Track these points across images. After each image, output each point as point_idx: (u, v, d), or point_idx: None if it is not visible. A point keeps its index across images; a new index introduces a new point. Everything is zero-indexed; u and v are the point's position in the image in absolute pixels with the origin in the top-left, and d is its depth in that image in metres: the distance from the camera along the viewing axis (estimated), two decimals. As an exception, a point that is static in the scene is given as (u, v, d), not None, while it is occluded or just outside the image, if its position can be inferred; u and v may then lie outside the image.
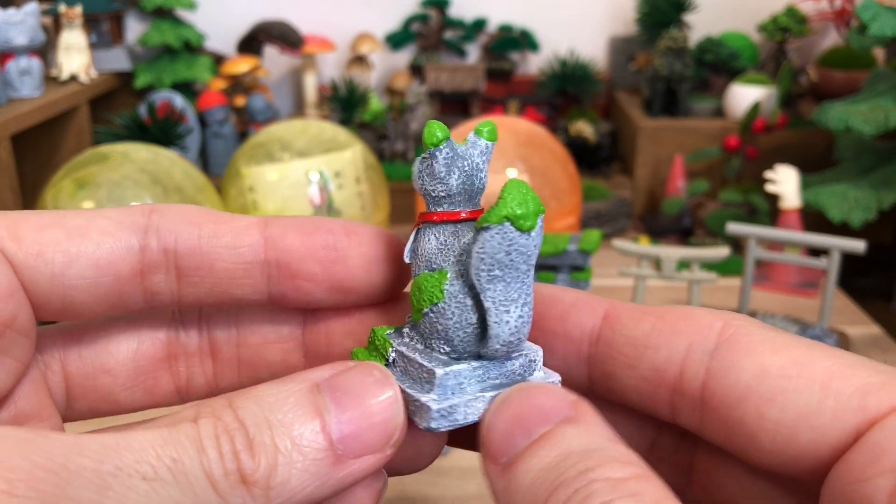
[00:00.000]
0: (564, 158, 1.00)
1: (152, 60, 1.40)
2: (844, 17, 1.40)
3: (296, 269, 0.25)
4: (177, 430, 0.19)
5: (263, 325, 0.27)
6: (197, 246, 0.24)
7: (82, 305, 0.24)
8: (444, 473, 0.69)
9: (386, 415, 0.21)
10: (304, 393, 0.21)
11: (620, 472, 0.19)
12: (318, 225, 0.25)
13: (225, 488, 0.19)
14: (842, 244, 0.80)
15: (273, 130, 1.04)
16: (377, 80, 1.57)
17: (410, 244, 0.24)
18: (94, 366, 0.26)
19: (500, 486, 0.21)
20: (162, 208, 0.25)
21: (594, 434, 0.20)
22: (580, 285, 0.79)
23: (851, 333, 0.90)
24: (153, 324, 0.27)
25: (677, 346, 0.22)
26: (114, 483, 0.18)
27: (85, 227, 0.23)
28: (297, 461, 0.20)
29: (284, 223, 0.25)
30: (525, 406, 0.21)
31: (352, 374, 0.22)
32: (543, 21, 1.55)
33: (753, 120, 1.21)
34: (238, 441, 0.19)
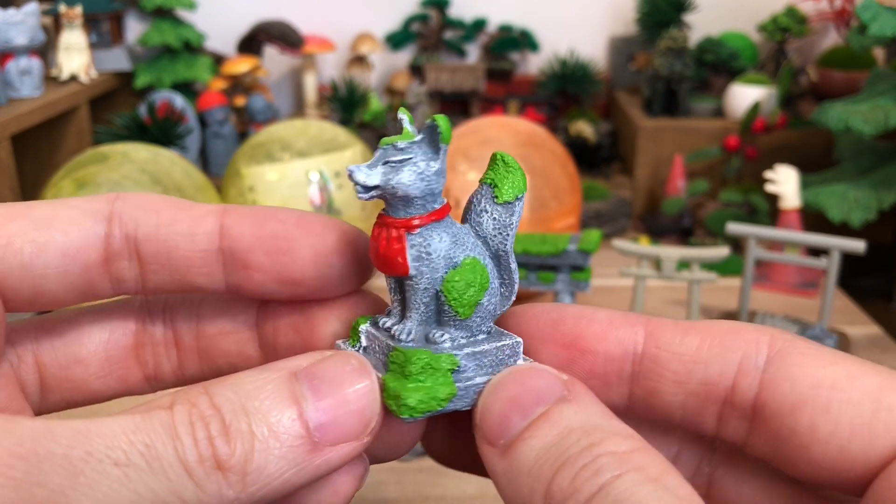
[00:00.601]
0: (564, 158, 1.00)
1: (152, 60, 1.40)
2: (844, 17, 1.40)
3: (245, 259, 0.24)
4: (150, 416, 0.19)
5: (220, 317, 0.27)
6: (155, 233, 0.24)
7: (52, 294, 0.24)
8: (444, 473, 0.69)
9: (363, 403, 0.22)
10: (282, 381, 0.21)
11: (623, 445, 0.19)
12: (270, 215, 0.25)
13: (200, 474, 0.19)
14: (842, 244, 0.80)
15: (273, 130, 1.04)
16: (377, 80, 1.57)
17: (411, 251, 0.23)
18: (67, 356, 0.26)
19: (500, 469, 0.21)
20: (125, 196, 0.25)
21: (591, 411, 0.21)
22: (580, 285, 0.79)
23: (851, 333, 0.90)
24: (123, 315, 0.27)
25: (730, 360, 0.22)
26: (85, 468, 0.18)
27: (52, 217, 0.23)
28: (273, 447, 0.20)
29: (241, 212, 0.25)
30: (519, 388, 0.22)
31: (329, 363, 0.22)
32: (543, 21, 1.55)
33: (753, 120, 1.21)
34: (213, 427, 0.20)
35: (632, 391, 0.24)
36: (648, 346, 0.24)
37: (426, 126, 0.23)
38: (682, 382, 0.23)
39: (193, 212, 0.24)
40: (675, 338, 0.23)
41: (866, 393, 0.20)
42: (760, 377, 0.22)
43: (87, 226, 0.24)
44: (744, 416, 0.22)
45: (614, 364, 0.24)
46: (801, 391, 0.21)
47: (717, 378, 0.22)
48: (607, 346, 0.24)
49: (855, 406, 0.20)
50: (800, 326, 0.85)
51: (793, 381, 0.21)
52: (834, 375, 0.21)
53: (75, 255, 0.23)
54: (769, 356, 0.22)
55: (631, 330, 0.24)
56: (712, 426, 0.23)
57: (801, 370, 0.21)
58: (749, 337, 0.22)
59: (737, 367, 0.22)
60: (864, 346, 0.89)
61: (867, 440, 0.20)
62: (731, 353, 0.22)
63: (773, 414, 0.21)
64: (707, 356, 0.23)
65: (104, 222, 0.24)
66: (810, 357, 0.22)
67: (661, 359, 0.23)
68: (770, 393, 0.22)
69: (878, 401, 0.20)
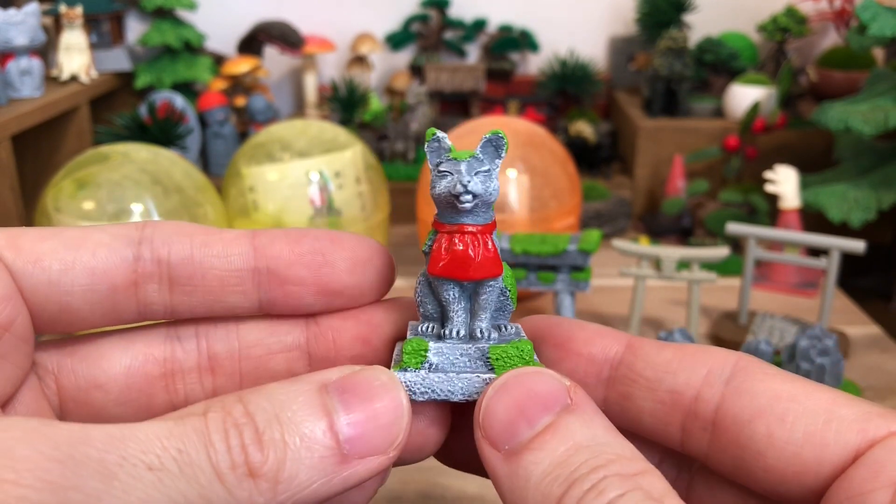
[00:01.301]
0: (564, 158, 1.00)
1: (153, 61, 1.40)
2: (844, 18, 1.40)
3: (285, 275, 0.26)
4: (184, 422, 0.20)
5: (265, 338, 0.28)
6: (189, 256, 0.25)
7: (78, 314, 0.24)
8: (444, 473, 0.69)
9: (391, 417, 0.22)
10: (314, 393, 0.21)
11: (629, 467, 0.20)
12: (304, 233, 0.26)
13: (232, 481, 0.19)
14: (841, 244, 0.81)
15: (273, 130, 1.04)
16: (377, 80, 1.57)
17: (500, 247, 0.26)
18: (87, 380, 0.26)
19: (503, 473, 0.21)
20: (155, 223, 0.26)
21: (596, 426, 0.22)
22: (580, 285, 0.80)
23: (851, 333, 0.90)
24: (147, 341, 0.27)
25: (697, 371, 0.24)
26: (119, 472, 0.18)
27: (81, 239, 0.24)
28: (305, 458, 0.20)
29: (272, 234, 0.26)
30: (524, 392, 0.22)
31: (359, 377, 0.22)
32: (543, 21, 1.55)
33: (753, 120, 1.21)
34: (247, 435, 0.20)
35: (606, 395, 0.26)
36: (627, 355, 0.26)
37: (487, 139, 0.25)
38: (653, 389, 0.25)
39: (224, 235, 0.26)
40: (651, 350, 0.25)
41: (820, 404, 0.22)
42: (723, 389, 0.23)
43: (116, 248, 0.25)
44: (705, 426, 0.24)
45: (594, 367, 0.26)
46: (761, 402, 0.22)
47: (683, 387, 0.24)
48: (591, 349, 0.26)
49: (809, 415, 0.22)
50: (799, 326, 0.85)
51: (753, 393, 0.23)
52: (792, 390, 0.22)
53: (103, 276, 0.24)
54: (733, 371, 0.24)
55: (614, 340, 0.26)
56: (677, 438, 0.25)
57: (761, 384, 0.23)
58: (718, 355, 0.24)
59: (702, 379, 0.24)
60: (864, 346, 0.89)
61: (818, 447, 0.21)
62: (700, 366, 0.24)
63: (733, 423, 0.23)
64: (677, 367, 0.24)
65: (133, 246, 0.25)
66: (771, 375, 0.23)
67: (636, 366, 0.25)
68: (731, 404, 0.23)
69: (831, 411, 0.22)
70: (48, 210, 0.89)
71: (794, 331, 0.84)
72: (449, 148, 0.25)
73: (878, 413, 0.22)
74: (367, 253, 0.27)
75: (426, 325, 0.26)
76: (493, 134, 0.25)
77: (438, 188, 0.25)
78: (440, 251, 0.25)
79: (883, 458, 0.20)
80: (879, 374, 0.83)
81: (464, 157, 0.25)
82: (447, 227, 0.25)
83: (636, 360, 0.25)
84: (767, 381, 0.23)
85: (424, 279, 0.26)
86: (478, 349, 0.25)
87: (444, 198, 0.24)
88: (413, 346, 0.25)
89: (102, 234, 0.25)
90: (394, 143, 1.34)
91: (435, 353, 0.25)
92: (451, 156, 0.25)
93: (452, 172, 0.24)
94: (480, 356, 0.25)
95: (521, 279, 0.80)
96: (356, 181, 1.01)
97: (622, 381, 0.25)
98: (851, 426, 0.21)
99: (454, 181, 0.24)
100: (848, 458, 0.21)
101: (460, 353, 0.25)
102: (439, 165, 0.25)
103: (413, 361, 0.25)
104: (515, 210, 0.93)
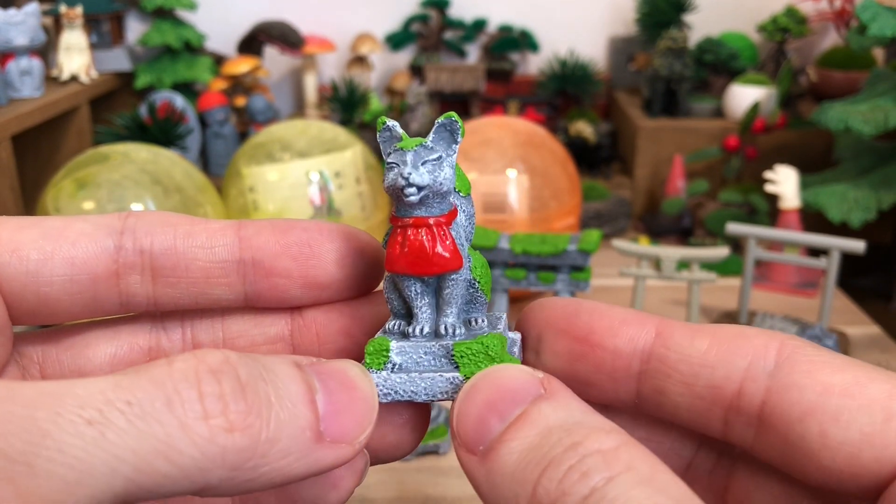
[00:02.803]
0: (564, 158, 1.00)
1: (153, 61, 1.40)
2: (844, 18, 1.40)
3: (270, 267, 0.25)
4: (138, 374, 0.18)
5: (250, 329, 0.27)
6: (172, 246, 0.24)
7: (58, 305, 0.24)
8: (444, 473, 0.69)
9: (363, 408, 0.21)
10: (291, 365, 0.20)
11: (608, 441, 0.19)
12: (292, 224, 0.26)
13: (202, 432, 0.17)
14: (841, 244, 0.81)
15: (273, 131, 1.04)
16: (377, 80, 1.57)
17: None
18: (72, 370, 0.26)
19: (481, 476, 0.20)
20: (138, 213, 0.25)
21: (570, 408, 0.20)
22: (580, 285, 0.80)
23: (851, 333, 0.90)
24: (133, 330, 0.27)
25: (737, 364, 0.22)
26: (52, 430, 0.16)
27: (62, 228, 0.24)
28: (288, 422, 0.19)
29: (258, 224, 0.26)
30: (494, 390, 0.21)
31: (333, 366, 0.22)
32: (543, 21, 1.55)
33: (753, 120, 1.21)
34: (227, 384, 0.18)
35: (640, 389, 0.24)
36: (657, 346, 0.24)
37: (440, 123, 0.23)
38: (689, 384, 0.23)
39: (210, 225, 0.25)
40: (683, 339, 0.23)
41: (876, 400, 0.20)
42: (768, 383, 0.22)
43: (97, 238, 0.24)
44: (750, 422, 0.22)
45: (622, 360, 0.24)
46: (811, 398, 0.21)
47: (723, 382, 0.22)
48: (616, 342, 0.24)
49: (865, 413, 0.20)
50: (799, 326, 0.85)
51: (801, 388, 0.21)
52: (843, 382, 0.21)
53: (83, 266, 0.24)
54: (777, 362, 0.22)
55: (641, 328, 0.24)
56: (719, 430, 0.23)
57: (809, 377, 0.21)
58: (758, 342, 0.22)
59: (744, 373, 0.22)
60: (864, 346, 0.89)
61: (878, 448, 0.20)
62: (739, 357, 0.22)
63: (782, 421, 0.21)
64: (714, 360, 0.23)
65: (115, 236, 0.24)
66: (819, 364, 0.21)
67: (670, 359, 0.23)
68: (778, 399, 0.21)
69: (889, 409, 0.20)
70: (48, 210, 0.89)
71: (794, 331, 0.84)
72: (400, 137, 0.24)
73: None
74: (356, 245, 0.26)
75: (393, 323, 0.25)
76: (446, 118, 0.23)
77: (386, 181, 0.23)
78: (395, 246, 0.24)
79: None
80: (879, 374, 0.83)
81: (411, 147, 0.23)
82: (401, 221, 0.24)
83: (668, 352, 0.23)
84: (816, 371, 0.21)
85: (390, 276, 0.25)
86: (442, 347, 0.24)
87: (391, 191, 0.23)
88: (375, 346, 0.24)
89: (84, 224, 0.24)
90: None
91: (397, 352, 0.24)
92: (399, 146, 0.23)
93: (398, 164, 0.23)
94: (445, 354, 0.24)
95: (521, 279, 0.80)
96: (356, 181, 1.01)
97: (655, 375, 0.24)
98: None
99: (397, 174, 0.23)
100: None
101: (424, 351, 0.24)
102: (388, 157, 0.23)
103: (375, 362, 0.24)
104: (515, 210, 0.93)
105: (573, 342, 0.24)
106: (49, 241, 0.23)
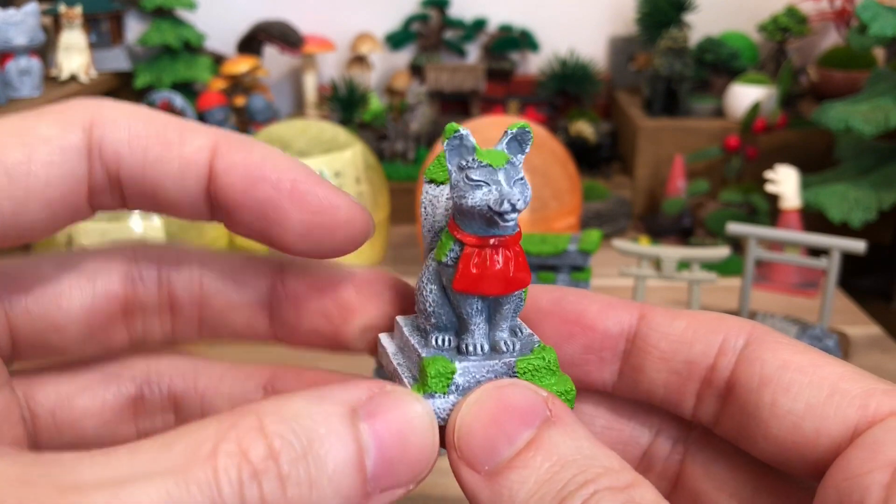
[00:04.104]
0: (564, 158, 1.00)
1: (152, 60, 1.40)
2: (844, 17, 1.40)
3: (233, 217, 0.23)
4: (188, 478, 0.17)
5: (228, 288, 0.26)
6: (141, 173, 0.23)
7: (27, 215, 0.21)
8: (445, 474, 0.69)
9: (421, 455, 0.21)
10: (344, 419, 0.19)
11: (619, 480, 0.19)
12: (264, 174, 0.23)
13: None
14: (842, 244, 0.80)
15: (273, 130, 1.04)
16: (377, 80, 1.57)
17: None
18: (45, 322, 0.24)
19: (486, 496, 0.20)
20: (103, 119, 0.22)
21: (579, 437, 0.21)
22: (580, 285, 0.79)
23: (851, 333, 0.90)
24: (108, 279, 0.25)
25: (712, 341, 0.24)
26: None
27: (27, 163, 0.21)
28: (329, 498, 0.18)
29: (235, 159, 0.23)
30: (501, 407, 0.21)
31: (393, 404, 0.20)
32: (543, 21, 1.55)
33: (753, 120, 1.21)
34: (267, 484, 0.17)
35: (621, 368, 0.26)
36: (641, 326, 0.25)
37: (513, 134, 0.23)
38: (667, 360, 0.24)
39: (184, 150, 0.22)
40: (665, 320, 0.25)
41: (826, 378, 0.22)
42: (736, 357, 0.23)
43: (67, 169, 0.22)
44: (718, 394, 0.24)
45: (611, 340, 0.25)
46: (769, 371, 0.22)
47: (699, 357, 0.24)
48: (606, 323, 0.25)
49: (814, 387, 0.22)
50: (800, 326, 0.85)
51: (763, 361, 0.23)
52: (802, 361, 0.22)
53: (58, 188, 0.22)
54: (748, 340, 0.24)
55: (627, 312, 0.25)
56: (690, 405, 0.25)
57: (772, 353, 0.23)
58: (732, 323, 0.24)
59: (717, 349, 0.24)
60: (865, 346, 0.89)
61: (818, 420, 0.21)
62: (715, 335, 0.24)
63: (742, 390, 0.23)
64: (692, 337, 0.24)
65: (84, 161, 0.22)
66: (784, 345, 0.23)
67: (651, 338, 0.25)
68: (742, 371, 0.23)
69: (835, 385, 0.22)
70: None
71: (794, 331, 0.84)
72: (474, 147, 0.22)
73: (883, 390, 0.21)
74: (343, 200, 0.24)
75: (440, 338, 0.24)
76: (519, 128, 0.23)
77: (472, 200, 0.21)
78: (470, 267, 0.22)
79: (881, 438, 0.20)
80: (880, 375, 0.82)
81: (499, 164, 0.22)
82: (477, 241, 0.22)
83: (651, 331, 0.25)
84: (780, 350, 0.23)
85: (438, 288, 0.23)
86: (504, 364, 0.23)
87: (480, 211, 0.21)
88: (439, 368, 0.22)
89: (50, 149, 0.21)
90: (394, 143, 1.34)
91: (461, 373, 0.22)
92: (482, 159, 0.22)
93: (489, 183, 0.21)
94: (507, 371, 0.23)
95: (521, 279, 0.79)
96: (356, 181, 1.00)
97: (636, 353, 0.25)
98: (853, 401, 0.21)
99: (498, 196, 0.21)
100: (847, 433, 0.21)
101: (486, 370, 0.23)
102: (469, 172, 0.22)
103: (440, 386, 0.22)
104: (515, 210, 0.93)
105: (562, 324, 0.26)
106: (21, 150, 0.21)
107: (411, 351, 0.24)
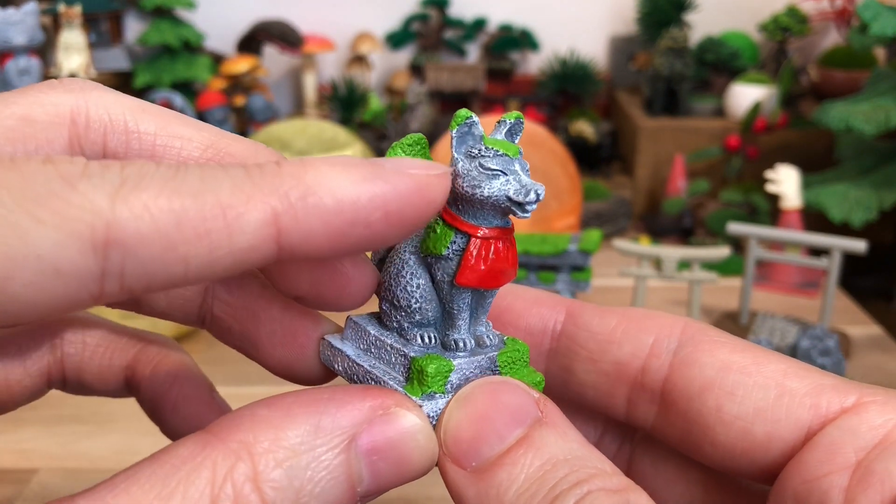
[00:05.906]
0: (564, 158, 0.99)
1: (152, 60, 1.40)
2: (845, 17, 1.39)
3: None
4: (185, 491, 0.17)
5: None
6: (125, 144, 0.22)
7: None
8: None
9: (419, 470, 0.20)
10: (340, 452, 0.19)
11: (613, 483, 0.19)
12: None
13: None
14: (843, 244, 0.80)
15: (273, 130, 1.04)
16: (377, 79, 1.57)
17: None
18: None
19: (472, 494, 0.20)
20: (95, 109, 0.22)
21: (570, 439, 0.20)
22: (580, 285, 0.79)
23: (852, 333, 0.90)
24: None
25: (642, 341, 0.23)
26: None
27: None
28: None
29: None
30: (493, 404, 0.21)
31: (396, 434, 0.20)
32: (543, 21, 1.54)
33: (754, 120, 1.21)
34: None
35: (548, 368, 0.25)
36: (567, 325, 0.24)
37: (511, 123, 0.22)
38: (595, 361, 0.24)
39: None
40: (593, 318, 0.24)
41: (771, 378, 0.21)
42: (671, 360, 0.22)
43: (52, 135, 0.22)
44: (653, 398, 0.23)
45: (533, 339, 0.25)
46: (710, 374, 0.21)
47: (628, 358, 0.23)
48: (528, 320, 0.25)
49: (760, 389, 0.21)
50: (800, 326, 0.85)
51: (702, 364, 0.22)
52: (742, 361, 0.21)
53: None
54: (681, 340, 0.23)
55: (553, 309, 0.25)
56: (622, 408, 0.24)
57: (710, 355, 0.22)
58: (663, 321, 0.23)
59: (649, 349, 0.23)
60: (865, 346, 0.89)
61: (770, 423, 0.21)
62: (645, 334, 0.23)
63: (681, 396, 0.22)
64: (621, 337, 0.23)
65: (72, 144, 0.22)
66: (720, 344, 0.22)
67: (579, 337, 0.24)
68: (679, 375, 0.22)
69: (782, 385, 0.21)
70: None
71: (795, 331, 0.84)
72: (482, 136, 0.21)
73: (831, 385, 0.21)
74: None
75: (426, 335, 0.22)
76: (515, 118, 0.22)
77: (489, 189, 0.21)
78: (477, 259, 0.21)
79: (837, 439, 0.19)
80: (881, 375, 0.83)
81: (514, 154, 0.21)
82: (486, 232, 0.21)
83: (578, 330, 0.24)
84: (717, 350, 0.22)
85: (426, 282, 0.22)
86: (488, 359, 0.22)
87: (496, 201, 0.21)
88: (437, 368, 0.21)
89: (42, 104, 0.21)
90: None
91: (455, 371, 0.22)
92: (496, 149, 0.21)
93: (507, 172, 0.21)
94: (490, 365, 0.22)
95: (521, 279, 0.79)
96: (356, 181, 1.00)
97: (564, 353, 0.24)
98: (803, 401, 0.20)
99: (520, 186, 0.21)
100: (800, 435, 0.20)
101: (474, 366, 0.22)
102: (484, 161, 0.21)
103: (437, 385, 0.21)
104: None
105: (487, 319, 0.24)
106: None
107: (388, 351, 0.22)
